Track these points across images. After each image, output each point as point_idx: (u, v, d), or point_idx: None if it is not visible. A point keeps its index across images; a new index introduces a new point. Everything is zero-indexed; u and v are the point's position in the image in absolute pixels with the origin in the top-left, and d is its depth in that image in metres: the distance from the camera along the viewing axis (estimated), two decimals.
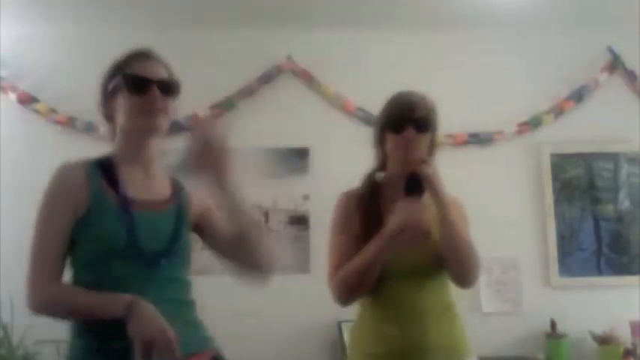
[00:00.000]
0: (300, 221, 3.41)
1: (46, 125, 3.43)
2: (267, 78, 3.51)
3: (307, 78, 3.54)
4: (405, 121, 1.77)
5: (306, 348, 3.28)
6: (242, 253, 1.60)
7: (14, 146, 3.40)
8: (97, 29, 3.49)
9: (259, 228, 1.71)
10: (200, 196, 1.65)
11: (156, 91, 1.54)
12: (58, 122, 3.42)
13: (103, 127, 3.78)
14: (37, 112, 3.43)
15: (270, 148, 3.47)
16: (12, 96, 3.43)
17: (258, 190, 3.29)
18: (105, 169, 1.56)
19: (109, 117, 1.64)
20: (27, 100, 3.43)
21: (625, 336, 3.21)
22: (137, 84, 1.56)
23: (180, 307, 1.51)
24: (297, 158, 3.47)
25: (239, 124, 3.37)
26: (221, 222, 1.63)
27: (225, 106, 3.45)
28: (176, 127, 1.71)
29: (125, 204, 1.49)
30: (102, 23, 3.45)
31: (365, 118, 3.52)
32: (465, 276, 1.80)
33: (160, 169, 1.63)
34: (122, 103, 1.57)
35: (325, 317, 3.27)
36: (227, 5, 3.31)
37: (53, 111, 3.43)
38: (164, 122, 1.57)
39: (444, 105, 3.53)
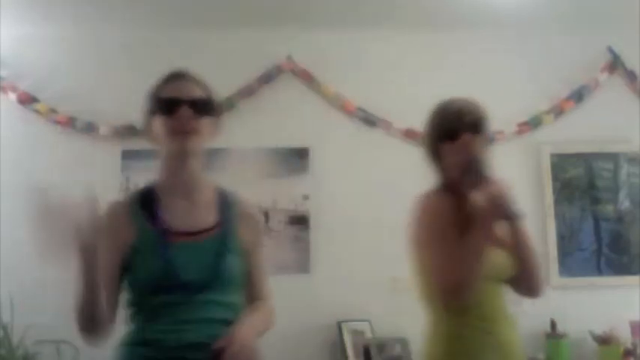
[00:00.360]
0: (300, 221, 3.41)
1: (46, 125, 3.43)
2: (267, 78, 3.51)
3: (307, 78, 3.54)
4: (460, 126, 1.75)
5: (306, 348, 3.28)
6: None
7: (14, 146, 3.40)
8: (97, 29, 3.49)
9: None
10: (253, 222, 1.65)
11: (186, 111, 1.52)
12: (58, 122, 3.42)
13: (103, 127, 3.79)
14: (37, 112, 3.43)
15: (270, 148, 3.47)
16: (12, 96, 3.43)
17: (258, 190, 3.29)
18: (146, 202, 1.55)
19: (153, 141, 1.61)
20: (27, 100, 3.43)
21: (625, 336, 3.21)
22: (167, 104, 1.53)
23: (223, 326, 1.48)
24: (297, 158, 3.47)
25: (239, 124, 3.37)
26: (255, 274, 1.64)
27: (225, 106, 3.44)
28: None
29: (163, 237, 1.49)
30: (102, 23, 3.45)
31: (365, 118, 3.53)
32: (536, 285, 1.78)
33: (205, 193, 1.60)
34: (157, 127, 1.56)
35: (325, 317, 3.28)
36: (227, 5, 3.31)
37: (53, 111, 3.43)
38: (197, 143, 1.54)
39: None
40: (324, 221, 3.40)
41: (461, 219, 1.66)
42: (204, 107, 1.55)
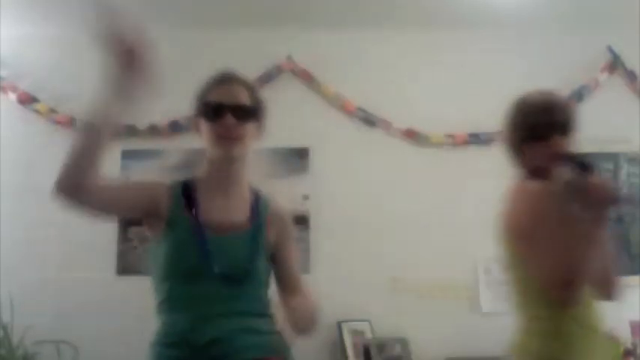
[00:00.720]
0: (300, 221, 3.40)
1: (46, 125, 3.43)
2: (267, 78, 3.51)
3: (307, 78, 3.54)
4: (551, 127, 1.66)
5: (306, 348, 3.27)
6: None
7: (14, 146, 3.40)
8: (96, 29, 3.49)
9: None
10: (281, 223, 1.67)
11: (229, 118, 1.54)
12: (58, 122, 3.42)
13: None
14: (37, 112, 3.43)
15: (270, 148, 3.45)
16: (12, 96, 3.43)
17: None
18: (187, 190, 1.57)
19: (200, 139, 1.63)
20: (27, 100, 3.43)
21: (625, 336, 3.21)
22: (211, 110, 1.55)
23: (252, 318, 1.53)
24: (297, 158, 3.47)
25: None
26: (291, 265, 1.68)
27: None
28: (176, 127, 1.71)
29: (200, 227, 1.51)
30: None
31: (365, 118, 3.53)
32: (614, 288, 1.77)
33: (243, 192, 1.63)
34: (203, 130, 1.58)
35: (325, 317, 3.27)
36: (227, 5, 3.32)
37: (53, 111, 3.43)
38: (242, 149, 1.58)
39: (444, 105, 3.56)
40: (324, 221, 3.39)
41: (560, 209, 1.55)
42: (249, 113, 1.58)
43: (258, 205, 1.63)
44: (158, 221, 1.53)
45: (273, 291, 1.68)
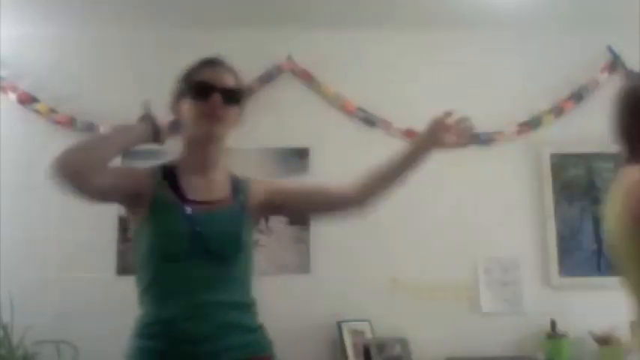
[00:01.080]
0: (300, 221, 3.40)
1: (46, 125, 3.43)
2: (268, 78, 3.51)
3: (307, 78, 3.54)
4: None
5: (306, 348, 3.28)
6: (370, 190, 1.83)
7: (14, 146, 3.40)
8: (97, 29, 3.49)
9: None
10: (258, 182, 1.71)
11: (217, 98, 1.57)
12: (58, 122, 3.42)
13: (103, 127, 3.79)
14: (37, 112, 3.43)
15: (270, 148, 3.47)
16: (12, 96, 3.43)
17: None
18: (168, 173, 1.61)
19: (179, 122, 1.67)
20: (27, 100, 3.43)
21: (625, 336, 3.20)
22: (199, 90, 1.59)
23: (238, 311, 1.54)
24: (297, 158, 3.47)
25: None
26: (293, 184, 1.74)
27: None
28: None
29: (185, 207, 1.53)
30: (102, 23, 3.45)
31: (365, 118, 3.53)
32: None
33: (221, 173, 1.66)
34: (186, 109, 1.61)
35: (325, 317, 3.28)
36: (227, 5, 3.32)
37: (53, 111, 3.43)
38: (223, 130, 1.61)
39: (444, 105, 3.55)
40: (324, 221, 3.39)
41: None
42: (235, 96, 1.62)
43: (236, 184, 1.67)
44: (141, 206, 1.54)
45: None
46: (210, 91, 1.57)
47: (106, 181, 1.49)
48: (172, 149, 1.72)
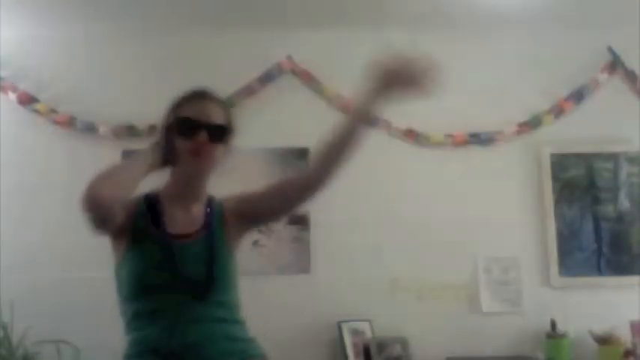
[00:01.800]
0: (300, 221, 3.40)
1: (46, 125, 3.43)
2: (268, 78, 3.51)
3: (307, 78, 3.54)
4: None
5: (306, 348, 3.28)
6: (328, 160, 1.72)
7: (14, 146, 3.40)
8: (97, 30, 3.49)
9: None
10: (230, 200, 1.68)
11: (203, 136, 1.54)
12: (58, 122, 3.42)
13: (103, 127, 3.79)
14: (37, 112, 3.43)
15: (270, 148, 3.47)
16: (12, 96, 3.43)
17: None
18: (150, 205, 1.59)
19: (166, 151, 1.63)
20: (27, 100, 3.43)
21: (625, 336, 3.21)
22: (186, 126, 1.56)
23: (225, 325, 1.53)
24: (297, 158, 3.47)
25: (239, 124, 3.37)
26: (256, 189, 1.68)
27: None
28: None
29: (166, 240, 1.53)
30: (102, 23, 3.44)
31: None
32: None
33: (201, 205, 1.64)
34: (174, 141, 1.59)
35: (325, 317, 3.28)
36: (227, 5, 3.31)
37: (53, 111, 3.43)
38: (209, 167, 1.59)
39: (444, 105, 3.57)
40: (324, 221, 3.39)
41: None
42: (222, 134, 1.59)
43: (211, 209, 1.64)
44: (123, 236, 1.54)
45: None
46: (196, 128, 1.55)
47: (119, 212, 1.49)
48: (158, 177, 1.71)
